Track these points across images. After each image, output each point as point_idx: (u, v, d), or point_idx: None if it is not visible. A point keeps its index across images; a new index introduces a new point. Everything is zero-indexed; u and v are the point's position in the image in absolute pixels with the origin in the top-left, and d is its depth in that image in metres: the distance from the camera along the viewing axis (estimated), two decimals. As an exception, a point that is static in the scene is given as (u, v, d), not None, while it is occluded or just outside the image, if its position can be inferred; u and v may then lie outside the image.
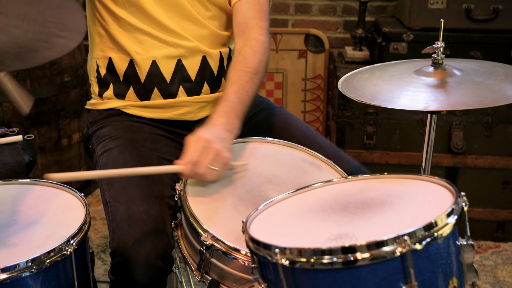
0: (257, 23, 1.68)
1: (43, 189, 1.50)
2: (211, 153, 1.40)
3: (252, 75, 1.58)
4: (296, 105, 3.26)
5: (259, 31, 1.67)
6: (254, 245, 1.07)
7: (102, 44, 1.73)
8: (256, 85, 1.59)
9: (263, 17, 1.70)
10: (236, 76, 1.58)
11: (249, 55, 1.62)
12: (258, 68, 1.61)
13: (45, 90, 2.76)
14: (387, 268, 0.96)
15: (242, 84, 1.56)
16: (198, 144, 1.41)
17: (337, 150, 1.75)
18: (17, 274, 1.21)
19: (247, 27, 1.68)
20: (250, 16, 1.68)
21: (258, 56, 1.63)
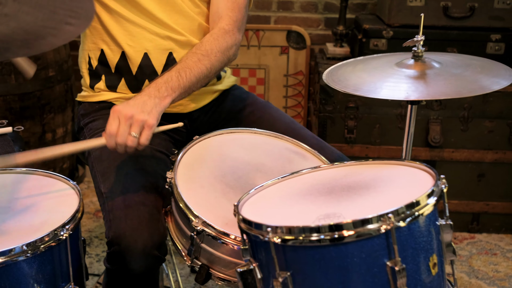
0: (228, 13, 1.71)
1: (38, 178, 1.54)
2: (123, 121, 1.40)
3: (201, 56, 1.61)
4: (278, 101, 3.31)
5: (227, 21, 1.71)
6: (246, 225, 1.12)
7: (94, 36, 1.76)
8: (205, 66, 1.60)
9: (236, 9, 1.72)
10: (185, 57, 1.61)
11: (205, 40, 1.66)
12: (209, 51, 1.62)
13: (29, 85, 2.78)
14: (373, 244, 1.02)
15: (187, 62, 1.58)
16: (112, 116, 1.42)
17: (320, 141, 1.81)
18: (12, 259, 1.24)
19: (218, 17, 1.72)
20: (223, 7, 1.72)
21: (215, 42, 1.66)
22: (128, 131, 1.40)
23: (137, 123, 1.40)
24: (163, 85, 1.50)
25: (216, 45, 1.65)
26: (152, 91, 1.48)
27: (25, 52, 1.00)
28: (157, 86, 1.50)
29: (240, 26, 1.74)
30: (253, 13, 3.23)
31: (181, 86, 1.53)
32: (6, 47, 0.95)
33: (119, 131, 1.40)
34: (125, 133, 1.40)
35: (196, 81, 1.58)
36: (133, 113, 1.40)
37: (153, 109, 1.45)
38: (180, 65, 1.57)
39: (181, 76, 1.54)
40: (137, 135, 1.41)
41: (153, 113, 1.44)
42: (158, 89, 1.49)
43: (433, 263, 1.09)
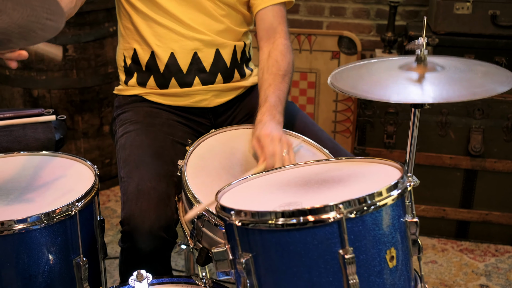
0: (282, 28, 1.86)
1: (61, 160, 1.70)
2: (277, 142, 1.57)
3: (284, 77, 1.79)
4: (328, 105, 3.37)
5: (284, 36, 1.86)
6: (219, 209, 1.21)
7: (128, 36, 1.92)
8: (287, 84, 1.80)
9: (285, 22, 1.88)
10: (271, 79, 1.78)
11: (279, 58, 1.81)
12: (287, 70, 1.81)
13: (89, 80, 3.00)
14: (325, 232, 1.09)
15: (277, 85, 1.76)
16: (265, 140, 1.59)
17: (336, 144, 1.87)
18: (29, 227, 1.40)
19: (273, 32, 1.86)
20: (276, 22, 1.86)
21: (286, 59, 1.82)
22: (282, 151, 1.58)
23: (285, 143, 1.60)
24: (275, 111, 1.71)
25: (288, 62, 1.83)
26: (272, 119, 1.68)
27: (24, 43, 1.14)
28: (271, 113, 1.70)
29: (289, 37, 1.91)
30: (306, 18, 3.31)
31: (282, 107, 1.75)
32: (8, 38, 1.10)
33: (276, 151, 1.57)
34: (281, 153, 1.57)
35: (286, 99, 1.80)
36: (281, 135, 1.62)
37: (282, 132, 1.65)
38: (273, 88, 1.76)
39: (280, 99, 1.75)
40: (287, 154, 1.59)
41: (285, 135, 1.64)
42: (274, 115, 1.70)
43: (390, 256, 1.13)
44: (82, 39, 2.94)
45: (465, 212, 2.77)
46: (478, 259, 2.70)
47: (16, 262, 1.43)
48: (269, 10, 1.86)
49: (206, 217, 1.45)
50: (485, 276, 2.58)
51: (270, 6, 1.85)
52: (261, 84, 1.78)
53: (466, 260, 2.70)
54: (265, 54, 1.84)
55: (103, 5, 2.97)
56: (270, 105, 1.71)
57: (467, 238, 2.83)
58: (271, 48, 1.84)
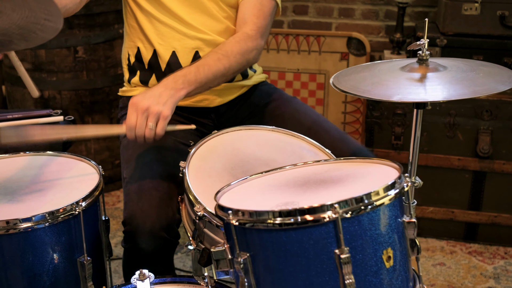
0: (253, 19, 1.82)
1: (66, 160, 1.72)
2: (140, 113, 1.52)
3: (221, 56, 1.72)
4: (337, 106, 3.37)
5: (251, 27, 1.81)
6: (218, 209, 1.23)
7: (132, 34, 1.94)
8: (223, 65, 1.70)
9: (261, 16, 1.82)
10: (206, 55, 1.74)
11: (228, 41, 1.77)
12: (230, 52, 1.73)
13: (99, 81, 3.02)
14: (320, 232, 1.09)
15: (207, 60, 1.70)
16: (130, 109, 1.54)
17: (342, 133, 1.87)
18: (34, 226, 1.42)
19: (243, 22, 1.83)
20: (249, 13, 1.82)
21: (236, 44, 1.76)
22: (145, 123, 1.53)
23: (152, 114, 1.53)
24: (180, 77, 1.62)
25: (237, 47, 1.76)
26: (169, 83, 1.60)
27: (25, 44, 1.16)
28: (175, 78, 1.62)
29: (263, 33, 1.84)
30: (315, 19, 3.31)
31: (197, 81, 1.64)
32: (9, 40, 1.12)
33: (137, 123, 1.53)
34: (142, 125, 1.53)
35: (213, 78, 1.69)
36: (149, 105, 1.53)
37: (168, 100, 1.57)
38: (200, 62, 1.69)
39: (199, 71, 1.66)
40: (153, 126, 1.54)
41: (167, 104, 1.56)
42: (175, 81, 1.61)
43: (387, 256, 1.14)
44: (92, 41, 2.97)
45: (474, 214, 2.76)
46: (487, 262, 2.69)
47: (21, 261, 1.45)
48: (246, 2, 1.84)
49: (208, 218, 1.46)
50: (493, 279, 2.57)
51: None
52: None
53: (474, 262, 2.69)
54: None
55: (113, 7, 2.99)
56: (181, 71, 1.64)
57: (476, 240, 2.81)
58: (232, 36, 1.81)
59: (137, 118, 1.53)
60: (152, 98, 1.55)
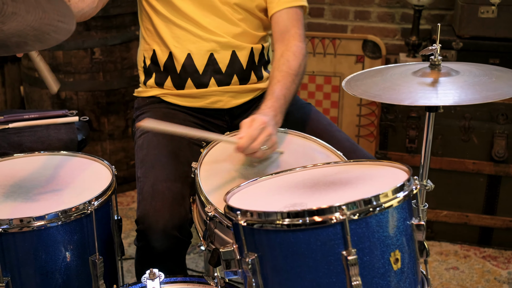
0: (296, 31, 1.88)
1: (80, 160, 1.74)
2: (266, 133, 1.57)
3: (294, 77, 1.79)
4: (352, 109, 3.37)
5: (298, 38, 1.87)
6: (227, 209, 1.24)
7: (148, 37, 1.96)
8: (296, 85, 1.80)
9: (300, 25, 1.89)
10: (280, 76, 1.78)
11: (291, 58, 1.82)
12: (298, 71, 1.81)
13: (115, 82, 3.05)
14: (328, 233, 1.10)
15: (286, 84, 1.76)
16: (258, 123, 1.58)
17: (354, 144, 1.88)
18: (47, 224, 1.45)
19: (287, 34, 1.87)
20: (290, 24, 1.87)
21: (298, 61, 1.83)
22: (263, 143, 1.58)
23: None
24: (278, 110, 1.70)
25: (300, 64, 1.83)
26: (275, 115, 1.67)
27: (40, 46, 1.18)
28: (275, 111, 1.69)
29: (304, 39, 1.91)
30: (330, 21, 3.32)
31: (285, 108, 1.75)
32: (24, 41, 1.14)
33: (259, 139, 1.56)
34: (261, 144, 1.57)
35: (291, 101, 1.79)
36: (273, 132, 1.60)
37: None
38: (281, 86, 1.76)
39: (286, 99, 1.75)
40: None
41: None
42: (276, 114, 1.68)
43: (394, 259, 1.14)
44: (109, 42, 3.00)
45: (488, 219, 2.74)
46: (501, 266, 2.67)
47: (34, 258, 1.47)
48: (284, 13, 1.88)
49: (218, 219, 1.47)
50: (507, 284, 2.55)
51: (285, 9, 1.87)
52: (270, 80, 1.80)
53: (488, 267, 2.67)
54: (278, 55, 1.85)
55: (129, 9, 3.02)
56: (276, 101, 1.71)
57: (490, 245, 2.79)
58: (284, 49, 1.85)
59: (261, 135, 1.57)
60: (273, 127, 1.62)
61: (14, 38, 1.18)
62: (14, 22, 1.08)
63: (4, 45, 1.23)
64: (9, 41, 1.19)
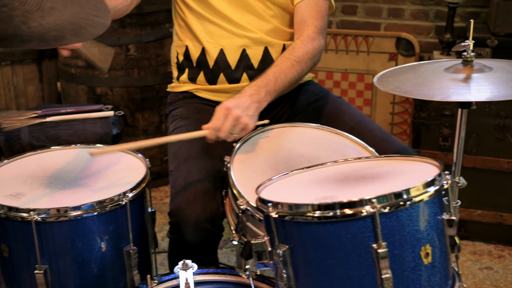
0: (313, 22, 1.85)
1: (115, 153, 1.78)
2: (231, 120, 1.57)
3: (294, 62, 1.76)
4: (385, 107, 3.36)
5: (313, 29, 1.84)
6: (258, 202, 1.25)
7: (181, 34, 1.99)
8: (297, 71, 1.76)
9: (319, 17, 1.86)
10: (279, 61, 1.77)
11: (297, 46, 1.80)
12: (301, 58, 1.77)
13: (150, 79, 3.10)
14: (358, 226, 1.10)
15: (282, 67, 1.74)
16: (221, 112, 1.59)
17: (386, 133, 1.88)
18: (83, 215, 1.49)
19: (304, 25, 1.86)
20: (308, 15, 1.86)
21: (305, 48, 1.80)
22: (231, 129, 1.59)
23: (240, 125, 1.60)
24: (262, 88, 1.67)
25: (306, 52, 1.80)
26: (254, 94, 1.65)
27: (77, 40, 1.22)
28: (258, 89, 1.66)
29: (323, 32, 1.89)
30: (363, 19, 3.31)
31: (276, 90, 1.71)
32: (62, 35, 1.18)
33: (224, 127, 1.59)
34: (228, 131, 1.59)
35: (289, 85, 1.76)
36: (240, 115, 1.59)
37: (254, 113, 1.64)
38: (276, 70, 1.74)
39: (277, 81, 1.71)
40: (237, 135, 1.61)
41: (254, 117, 1.63)
42: (259, 93, 1.66)
43: (425, 253, 1.14)
44: (144, 39, 3.05)
45: (523, 218, 2.70)
46: (535, 267, 2.63)
47: (71, 248, 1.51)
48: (304, 4, 1.87)
49: (250, 212, 1.49)
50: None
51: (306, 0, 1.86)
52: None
53: (523, 267, 2.64)
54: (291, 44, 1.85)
55: (163, 6, 3.06)
56: (262, 81, 1.68)
57: (525, 245, 2.76)
58: (295, 39, 1.85)
59: (225, 123, 1.58)
60: (242, 109, 1.60)
61: (52, 32, 1.22)
62: (53, 17, 1.12)
63: (43, 39, 1.27)
64: (48, 35, 1.23)
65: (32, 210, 1.46)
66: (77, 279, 1.54)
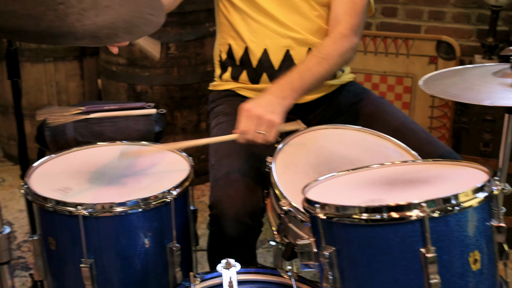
0: (346, 18, 1.84)
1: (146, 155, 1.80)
2: (253, 120, 1.57)
3: (320, 59, 1.75)
4: (423, 111, 3.32)
5: (345, 26, 1.83)
6: (305, 203, 1.26)
7: (224, 32, 2.01)
8: (324, 69, 1.74)
9: (354, 14, 1.84)
10: (306, 59, 1.77)
11: (326, 43, 1.80)
12: (329, 55, 1.76)
13: (189, 77, 3.13)
14: (407, 230, 1.10)
15: (308, 65, 1.74)
16: (242, 115, 1.60)
17: (430, 135, 1.86)
18: (128, 211, 1.51)
19: (336, 21, 1.85)
20: (341, 12, 1.85)
21: (334, 46, 1.79)
22: (256, 129, 1.59)
23: (265, 122, 1.59)
24: (286, 85, 1.67)
25: (334, 49, 1.79)
26: (277, 91, 1.66)
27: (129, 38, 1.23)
28: (281, 86, 1.67)
29: (357, 30, 1.85)
30: (403, 21, 3.28)
31: (302, 88, 1.70)
32: (114, 33, 1.20)
33: (248, 129, 1.59)
34: (254, 131, 1.59)
35: (315, 83, 1.74)
36: (261, 113, 1.59)
37: (278, 109, 1.63)
38: (302, 67, 1.74)
39: (303, 78, 1.70)
40: (265, 133, 1.60)
41: (278, 113, 1.62)
42: (282, 90, 1.66)
43: (473, 259, 1.13)
44: (184, 38, 3.08)
45: None
46: None
47: (116, 243, 1.54)
48: (338, 1, 1.86)
49: (293, 213, 1.50)
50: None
51: None
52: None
53: None
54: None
55: (204, 6, 3.09)
56: (286, 78, 1.68)
57: None
58: (327, 36, 1.84)
59: (249, 124, 1.59)
60: (264, 107, 1.60)
61: (105, 30, 1.25)
62: (107, 15, 1.14)
63: (95, 36, 1.29)
64: (101, 32, 1.26)
65: (79, 205, 1.49)
66: (121, 274, 1.56)
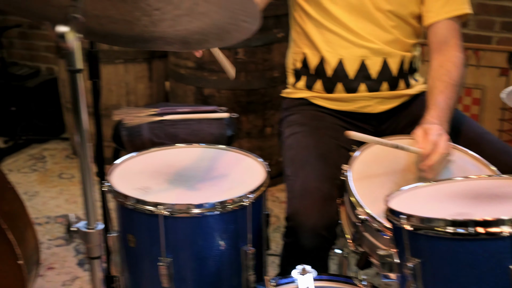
0: (455, 41, 1.88)
1: (234, 155, 1.83)
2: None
3: (455, 87, 1.81)
4: (493, 123, 3.26)
5: (457, 49, 1.87)
6: (389, 213, 1.26)
7: (299, 41, 2.02)
8: (457, 95, 1.82)
9: (459, 35, 1.90)
10: (443, 87, 1.80)
11: (452, 69, 1.83)
12: (459, 81, 1.83)
13: (256, 83, 3.16)
14: (497, 246, 1.09)
15: (448, 94, 1.79)
16: (435, 130, 1.64)
17: (506, 146, 1.84)
18: (205, 213, 1.54)
19: (445, 45, 1.88)
20: (449, 35, 1.88)
21: (459, 71, 1.84)
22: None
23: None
24: (442, 118, 1.74)
25: (460, 74, 1.86)
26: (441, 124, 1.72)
27: (219, 44, 1.25)
28: (440, 120, 1.73)
29: (463, 50, 1.92)
30: (474, 32, 3.23)
31: (449, 117, 1.77)
32: (205, 39, 1.23)
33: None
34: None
35: (453, 110, 1.81)
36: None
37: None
38: (444, 96, 1.79)
39: (449, 108, 1.79)
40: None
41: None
42: (442, 124, 1.72)
43: None
44: (252, 44, 3.11)
45: None
46: None
47: (192, 243, 1.57)
48: (443, 24, 1.87)
49: (369, 222, 1.49)
50: None
51: (444, 20, 1.86)
52: (431, 90, 1.81)
53: None
54: (437, 64, 1.86)
55: (272, 12, 3.11)
56: (440, 110, 1.74)
57: None
58: (443, 60, 1.85)
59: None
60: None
61: (196, 36, 1.27)
62: (201, 21, 1.16)
63: (186, 42, 1.32)
64: (191, 38, 1.28)
65: (159, 204, 1.52)
66: (196, 274, 1.59)
